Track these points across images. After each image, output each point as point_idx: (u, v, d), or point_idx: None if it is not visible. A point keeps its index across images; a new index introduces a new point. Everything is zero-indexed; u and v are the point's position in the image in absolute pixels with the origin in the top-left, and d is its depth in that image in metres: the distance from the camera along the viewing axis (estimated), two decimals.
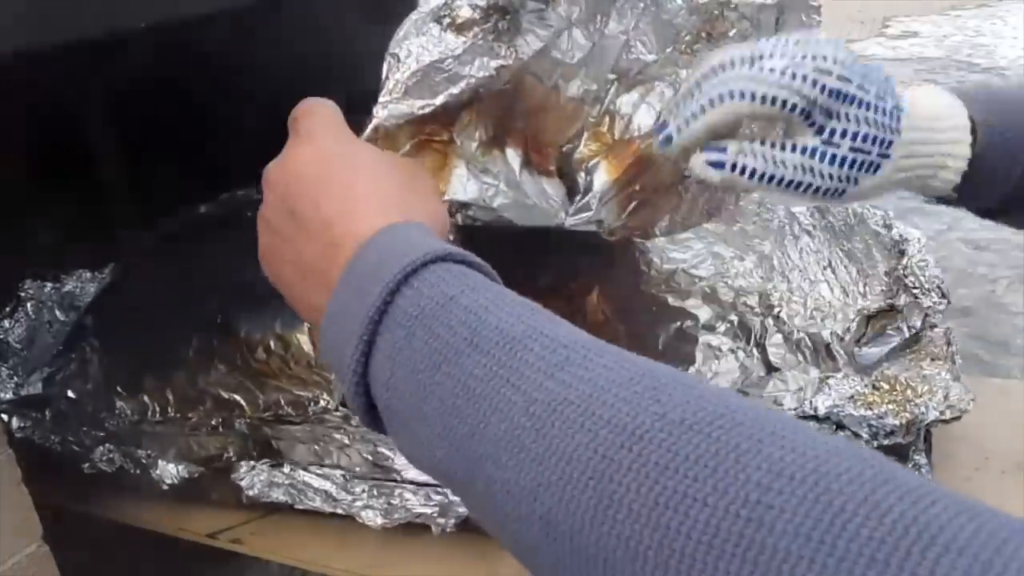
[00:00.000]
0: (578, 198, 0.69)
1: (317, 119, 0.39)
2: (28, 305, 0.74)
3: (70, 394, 0.72)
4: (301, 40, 0.90)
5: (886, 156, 0.43)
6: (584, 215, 0.69)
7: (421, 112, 0.51)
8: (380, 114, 0.50)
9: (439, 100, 0.52)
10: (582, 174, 0.69)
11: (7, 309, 0.74)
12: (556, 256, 0.78)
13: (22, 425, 0.65)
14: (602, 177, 0.70)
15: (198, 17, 0.63)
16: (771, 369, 0.73)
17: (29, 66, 0.54)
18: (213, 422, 0.68)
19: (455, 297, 0.29)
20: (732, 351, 0.76)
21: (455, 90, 0.53)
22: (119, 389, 0.75)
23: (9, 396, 0.69)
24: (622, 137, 0.70)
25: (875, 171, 0.43)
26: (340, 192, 0.36)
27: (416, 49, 0.51)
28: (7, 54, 0.50)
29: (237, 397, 0.78)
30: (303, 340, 0.84)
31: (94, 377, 0.74)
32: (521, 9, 0.55)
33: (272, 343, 0.83)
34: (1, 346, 0.71)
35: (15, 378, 0.70)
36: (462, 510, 0.58)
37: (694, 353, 0.76)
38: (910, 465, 0.56)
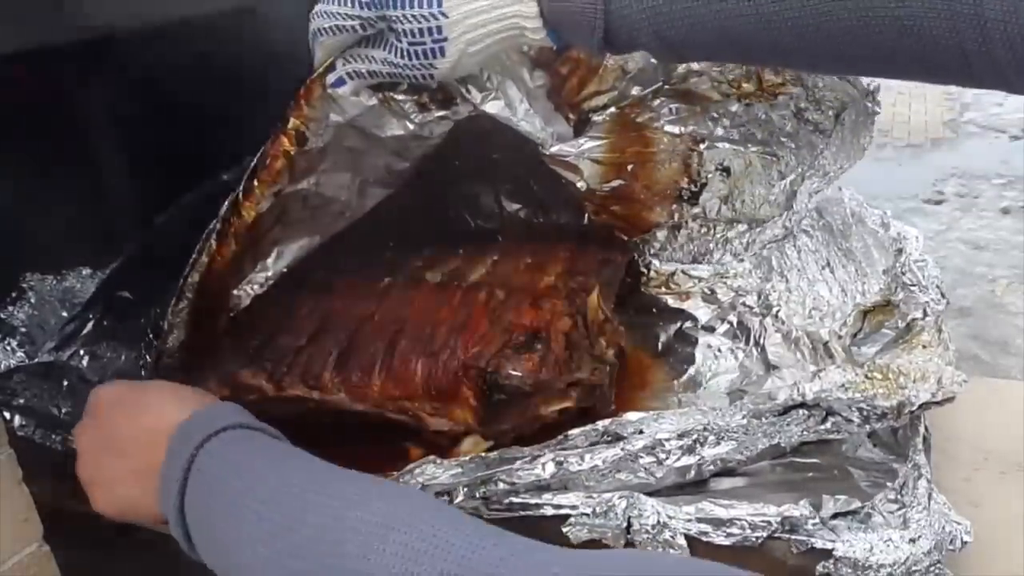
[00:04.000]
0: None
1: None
2: (30, 295, 0.74)
3: (83, 357, 0.70)
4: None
5: (442, 41, 0.50)
6: (568, 150, 0.73)
7: None
8: None
9: None
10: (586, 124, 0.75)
11: (12, 295, 0.74)
12: (556, 257, 0.79)
13: (24, 406, 0.65)
14: (600, 132, 0.75)
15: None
16: (770, 368, 0.73)
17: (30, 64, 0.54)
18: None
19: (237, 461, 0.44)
20: (732, 351, 0.76)
21: None
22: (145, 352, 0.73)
23: (19, 362, 0.68)
24: (639, 120, 0.74)
25: (442, 54, 0.50)
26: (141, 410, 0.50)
27: None
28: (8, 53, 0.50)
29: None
30: None
31: (117, 335, 0.72)
32: None
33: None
34: (6, 327, 0.71)
35: (25, 347, 0.69)
36: (465, 508, 0.58)
37: (694, 354, 0.76)
38: (909, 465, 0.56)
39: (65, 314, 0.75)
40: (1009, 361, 1.83)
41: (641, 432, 0.57)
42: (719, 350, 0.76)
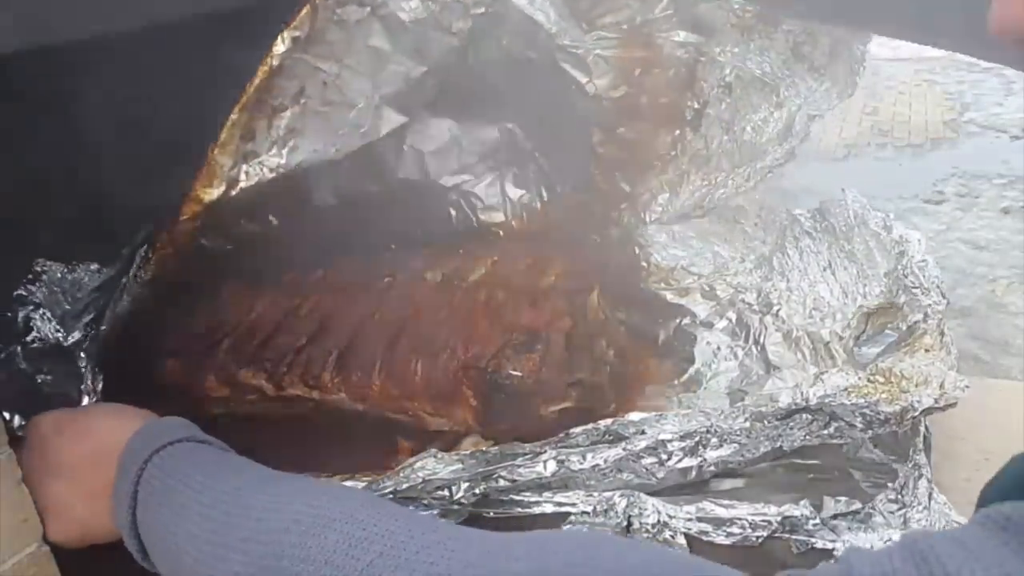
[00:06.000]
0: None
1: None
2: (44, 278, 0.74)
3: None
4: None
5: None
6: (579, 43, 0.75)
7: None
8: None
9: None
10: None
11: (29, 276, 0.74)
12: (556, 257, 0.79)
13: (46, 384, 0.65)
14: (610, 33, 0.77)
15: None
16: (771, 368, 0.73)
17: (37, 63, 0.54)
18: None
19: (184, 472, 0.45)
20: (731, 349, 0.76)
21: None
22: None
23: (54, 331, 0.69)
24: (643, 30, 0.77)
25: None
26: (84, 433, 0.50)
27: None
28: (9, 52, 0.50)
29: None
30: None
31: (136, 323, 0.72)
32: None
33: None
34: (29, 302, 0.72)
35: (54, 321, 0.70)
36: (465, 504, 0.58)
37: (694, 352, 0.76)
38: (910, 465, 0.56)
39: (68, 307, 0.75)
40: (1009, 361, 1.83)
41: (643, 432, 0.57)
42: (718, 348, 0.76)
